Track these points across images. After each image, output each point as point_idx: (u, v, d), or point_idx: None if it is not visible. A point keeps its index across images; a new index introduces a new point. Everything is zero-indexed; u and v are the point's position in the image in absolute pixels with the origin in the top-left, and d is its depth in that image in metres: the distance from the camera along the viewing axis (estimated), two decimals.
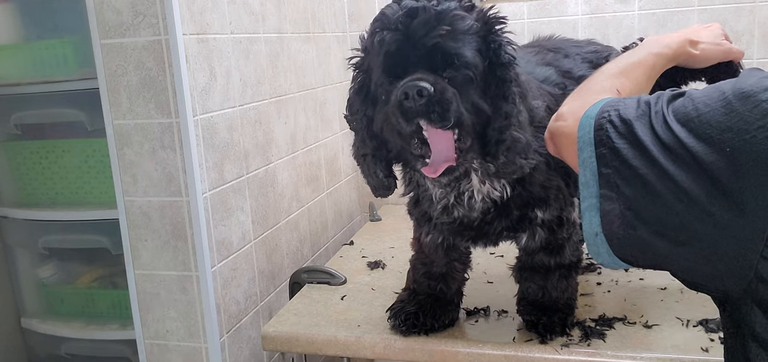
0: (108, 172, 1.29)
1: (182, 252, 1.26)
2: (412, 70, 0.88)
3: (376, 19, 0.94)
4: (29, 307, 1.58)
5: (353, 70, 1.00)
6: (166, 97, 1.20)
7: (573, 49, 1.26)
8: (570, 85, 1.13)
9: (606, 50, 1.31)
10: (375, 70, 0.94)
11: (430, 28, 0.88)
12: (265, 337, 1.29)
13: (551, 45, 1.28)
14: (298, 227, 1.67)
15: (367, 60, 0.96)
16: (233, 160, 1.35)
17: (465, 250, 1.22)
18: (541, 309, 1.14)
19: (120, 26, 1.19)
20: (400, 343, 1.19)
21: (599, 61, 1.22)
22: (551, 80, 1.14)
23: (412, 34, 0.88)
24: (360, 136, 1.00)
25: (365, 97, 0.97)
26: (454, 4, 0.91)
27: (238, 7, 1.37)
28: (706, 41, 1.02)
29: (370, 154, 1.00)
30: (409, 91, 0.84)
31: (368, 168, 1.01)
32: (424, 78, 0.86)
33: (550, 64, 1.18)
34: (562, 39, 1.33)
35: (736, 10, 1.77)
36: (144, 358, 1.34)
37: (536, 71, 1.15)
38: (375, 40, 0.92)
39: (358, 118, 0.99)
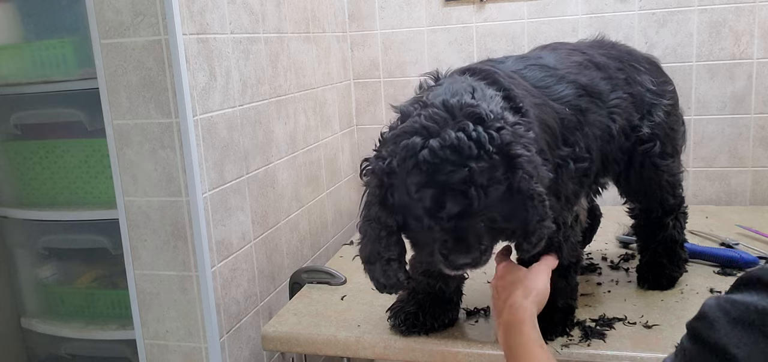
0: (108, 172, 1.29)
1: (182, 252, 1.26)
2: (443, 230, 0.93)
3: (418, 198, 0.93)
4: (29, 307, 1.58)
5: (376, 183, 0.98)
6: (166, 97, 1.20)
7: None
8: None
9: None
10: (407, 211, 0.96)
11: (475, 219, 0.92)
12: (265, 337, 1.29)
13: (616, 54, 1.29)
14: (298, 227, 1.67)
15: (397, 191, 0.96)
16: (233, 160, 1.35)
17: None
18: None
19: (120, 26, 1.19)
20: (400, 343, 1.19)
21: None
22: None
23: (461, 224, 0.92)
24: (384, 243, 1.00)
25: (392, 211, 0.98)
26: (485, 178, 0.91)
27: (238, 7, 1.37)
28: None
29: (396, 260, 1.02)
30: (458, 265, 0.95)
31: (389, 270, 1.02)
32: (472, 249, 0.94)
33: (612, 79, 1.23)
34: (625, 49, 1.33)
35: (736, 10, 1.77)
36: (144, 358, 1.34)
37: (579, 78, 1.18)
38: (417, 213, 0.94)
39: (384, 224, 0.99)
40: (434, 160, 0.90)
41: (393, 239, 1.00)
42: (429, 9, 1.98)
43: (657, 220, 1.33)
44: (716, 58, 1.81)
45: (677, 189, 1.32)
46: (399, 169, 0.93)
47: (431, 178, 0.90)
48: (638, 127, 1.25)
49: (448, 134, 0.90)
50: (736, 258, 1.39)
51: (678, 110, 1.34)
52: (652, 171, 1.27)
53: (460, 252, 0.93)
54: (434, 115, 0.93)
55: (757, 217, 1.71)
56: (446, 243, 0.93)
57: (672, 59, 1.83)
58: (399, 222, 0.98)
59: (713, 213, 1.78)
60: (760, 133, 1.82)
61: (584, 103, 1.16)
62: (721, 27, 1.79)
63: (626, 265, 1.46)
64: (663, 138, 1.26)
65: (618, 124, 1.21)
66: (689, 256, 1.41)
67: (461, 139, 0.89)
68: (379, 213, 0.98)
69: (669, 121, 1.28)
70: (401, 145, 0.93)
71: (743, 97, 1.81)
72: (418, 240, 1.00)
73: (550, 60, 1.20)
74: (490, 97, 0.98)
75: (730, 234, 1.58)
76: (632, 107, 1.24)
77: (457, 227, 0.92)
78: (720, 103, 1.83)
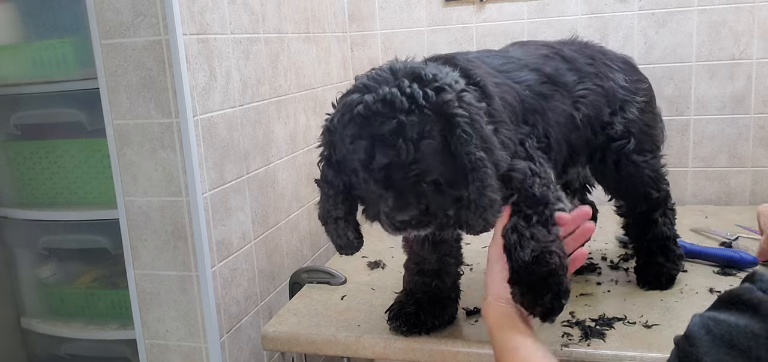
0: (108, 172, 1.29)
1: (182, 252, 1.26)
2: (377, 184, 0.94)
3: (352, 150, 0.95)
4: (29, 307, 1.58)
5: (323, 142, 1.03)
6: (166, 97, 1.20)
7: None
8: None
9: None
10: (352, 165, 0.98)
11: (408, 172, 0.92)
12: (265, 337, 1.29)
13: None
14: (298, 227, 1.67)
15: (338, 147, 1.00)
16: (233, 160, 1.36)
17: (454, 243, 1.21)
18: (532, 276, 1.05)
19: (120, 26, 1.19)
20: (400, 343, 1.19)
21: None
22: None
23: (393, 176, 0.93)
24: (331, 201, 1.04)
25: (338, 169, 1.02)
26: (418, 130, 0.92)
27: (238, 7, 1.37)
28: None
29: (343, 218, 1.04)
30: (400, 222, 0.95)
31: (339, 229, 1.05)
32: (409, 205, 0.93)
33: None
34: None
35: (736, 10, 1.77)
36: (144, 358, 1.34)
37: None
38: (350, 144, 0.96)
39: (333, 186, 1.03)
40: (367, 113, 0.93)
41: (340, 198, 1.03)
42: (429, 9, 1.98)
43: (644, 216, 1.33)
44: (716, 58, 1.81)
45: (660, 183, 1.32)
46: (338, 125, 0.97)
47: (363, 130, 0.93)
48: (610, 124, 1.26)
49: (383, 89, 0.93)
50: (736, 258, 1.39)
51: (654, 107, 1.35)
52: (632, 167, 1.27)
53: (399, 208, 0.93)
54: (377, 75, 0.97)
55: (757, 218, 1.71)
56: (386, 199, 0.94)
57: (672, 59, 1.83)
58: (346, 182, 1.02)
59: (713, 213, 1.78)
60: (760, 133, 1.82)
61: (547, 89, 1.18)
62: (721, 27, 1.79)
63: (626, 265, 1.46)
64: (638, 134, 1.27)
65: (582, 113, 1.21)
66: (689, 256, 1.42)
67: (394, 93, 0.92)
68: (326, 171, 1.03)
69: (644, 118, 1.29)
70: (341, 103, 0.98)
71: (743, 97, 1.81)
72: (364, 198, 1.01)
73: (517, 52, 1.23)
74: (445, 73, 0.99)
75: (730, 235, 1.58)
76: (603, 101, 1.24)
77: (389, 179, 0.93)
78: (719, 103, 1.83)
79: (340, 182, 1.02)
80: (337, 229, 1.05)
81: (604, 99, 1.25)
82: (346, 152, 0.97)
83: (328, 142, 1.02)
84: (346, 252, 1.08)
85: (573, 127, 1.20)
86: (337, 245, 1.08)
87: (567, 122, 1.19)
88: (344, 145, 0.97)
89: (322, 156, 1.04)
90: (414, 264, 1.22)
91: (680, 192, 1.90)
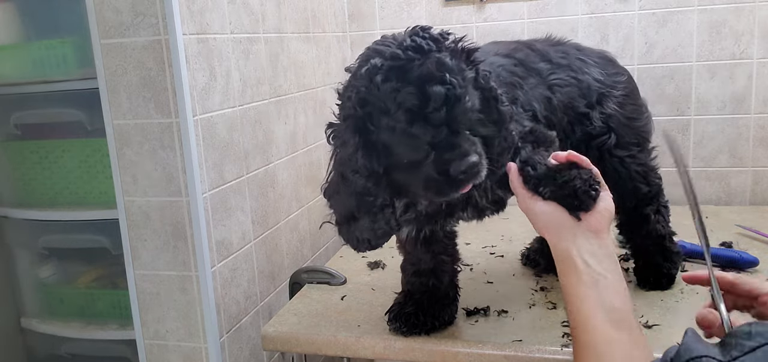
0: (108, 172, 1.29)
1: (182, 252, 1.26)
2: (434, 130, 0.89)
3: (397, 105, 0.89)
4: (29, 307, 1.58)
5: (346, 130, 0.96)
6: (166, 97, 1.20)
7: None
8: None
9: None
10: (400, 147, 0.92)
11: (466, 112, 0.90)
12: (265, 337, 1.29)
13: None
14: (298, 227, 1.67)
15: (376, 132, 0.93)
16: (233, 160, 1.35)
17: (448, 241, 1.21)
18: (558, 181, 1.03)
19: (120, 26, 1.19)
20: (400, 343, 1.19)
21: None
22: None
23: (453, 121, 0.89)
24: (372, 187, 0.96)
25: (377, 156, 0.94)
26: (455, 63, 0.91)
27: (238, 7, 1.37)
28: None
29: (389, 204, 0.98)
30: (466, 170, 0.88)
31: (385, 217, 0.98)
32: (470, 151, 0.89)
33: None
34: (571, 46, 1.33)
35: (736, 10, 1.77)
36: (144, 358, 1.34)
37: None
38: (402, 127, 0.90)
39: (369, 170, 0.95)
40: (400, 62, 0.89)
41: (382, 184, 0.96)
42: (429, 9, 1.98)
43: (635, 211, 1.30)
44: (716, 58, 1.81)
45: (650, 177, 1.30)
46: (369, 92, 0.90)
47: (405, 77, 0.88)
48: (587, 116, 1.24)
49: (403, 42, 0.91)
50: (736, 258, 1.39)
51: (635, 100, 1.32)
52: (616, 163, 1.25)
53: (460, 154, 0.88)
54: (380, 43, 0.94)
55: (757, 217, 1.71)
56: (440, 148, 0.88)
57: (672, 59, 1.83)
58: (385, 167, 0.95)
59: (713, 213, 1.78)
60: (760, 133, 1.82)
61: (521, 72, 1.18)
62: (721, 27, 1.78)
63: (626, 265, 1.46)
64: (619, 128, 1.26)
65: (558, 99, 1.21)
66: (689, 256, 1.41)
67: (416, 40, 0.90)
68: (354, 158, 0.94)
69: (624, 112, 1.27)
70: (362, 73, 0.92)
71: (743, 97, 1.81)
72: (408, 168, 0.93)
73: (488, 47, 1.23)
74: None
75: (730, 235, 1.58)
76: (577, 92, 1.24)
77: (449, 120, 0.88)
78: (720, 103, 1.83)
79: (379, 167, 0.94)
80: (377, 219, 0.97)
81: (578, 90, 1.24)
82: (389, 117, 0.89)
83: (361, 118, 0.93)
84: (377, 243, 1.01)
85: (551, 108, 1.20)
86: (364, 240, 1.00)
87: (545, 103, 1.19)
88: (385, 106, 0.89)
89: (344, 137, 0.95)
90: (410, 264, 1.22)
91: (680, 192, 1.89)
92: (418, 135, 0.89)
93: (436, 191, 0.92)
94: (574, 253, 0.89)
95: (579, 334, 0.85)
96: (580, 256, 0.89)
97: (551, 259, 1.43)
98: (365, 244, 1.02)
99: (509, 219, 1.69)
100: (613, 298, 0.84)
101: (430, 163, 0.90)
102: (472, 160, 0.88)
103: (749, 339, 0.61)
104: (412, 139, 0.90)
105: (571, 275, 0.88)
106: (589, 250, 0.89)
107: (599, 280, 0.86)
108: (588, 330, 0.83)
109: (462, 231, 1.25)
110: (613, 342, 0.81)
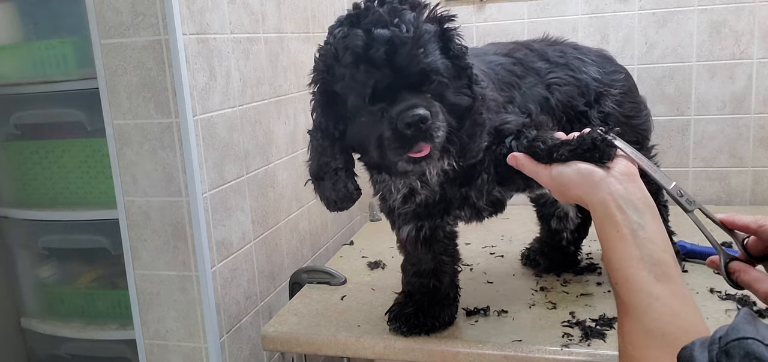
0: (108, 172, 1.29)
1: (182, 252, 1.26)
2: (397, 93, 0.91)
3: (346, 48, 0.92)
4: (29, 307, 1.58)
5: (314, 90, 1.00)
6: (166, 97, 1.20)
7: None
8: None
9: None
10: (351, 95, 0.94)
11: (412, 58, 0.90)
12: (265, 337, 1.29)
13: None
14: (298, 227, 1.67)
15: (333, 83, 0.96)
16: (233, 160, 1.35)
17: (448, 241, 1.21)
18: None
19: (120, 26, 1.19)
20: (400, 343, 1.19)
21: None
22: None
23: (397, 66, 0.90)
24: (329, 151, 1.01)
25: (335, 114, 0.98)
26: (414, 15, 0.93)
27: (238, 7, 1.37)
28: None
29: (342, 168, 1.01)
30: (411, 121, 0.88)
31: (339, 181, 1.02)
32: (418, 104, 0.89)
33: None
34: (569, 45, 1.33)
35: (736, 10, 1.77)
36: (144, 358, 1.34)
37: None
38: (350, 72, 0.92)
39: (329, 135, 1.00)
40: (358, 11, 0.93)
41: (337, 147, 1.00)
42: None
43: None
44: (716, 58, 1.81)
45: (648, 175, 1.30)
46: (328, 44, 0.95)
47: (358, 23, 0.92)
48: (585, 114, 1.24)
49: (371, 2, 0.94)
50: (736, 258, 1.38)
51: (634, 98, 1.32)
52: None
53: (406, 107, 0.88)
54: (352, 10, 0.96)
55: None
56: (391, 102, 0.89)
57: (672, 59, 1.83)
58: (341, 131, 0.98)
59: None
60: (760, 133, 1.82)
61: (519, 70, 1.18)
62: (721, 27, 1.79)
63: None
64: (618, 126, 1.25)
65: (556, 98, 1.21)
66: (689, 256, 1.41)
67: (403, 30, 0.90)
68: (320, 119, 0.99)
69: (623, 110, 1.27)
70: (331, 37, 0.96)
71: (743, 97, 1.81)
72: (362, 128, 0.95)
73: (488, 47, 1.25)
74: None
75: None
76: (575, 91, 1.24)
77: (391, 61, 0.89)
78: (720, 103, 1.83)
79: (336, 130, 0.98)
80: (335, 182, 1.02)
81: (576, 89, 1.24)
82: (339, 55, 0.93)
83: (322, 73, 0.97)
84: (343, 206, 1.05)
85: (549, 109, 1.20)
86: (331, 200, 1.05)
87: (543, 104, 1.19)
88: (338, 49, 0.93)
89: (314, 98, 1.00)
90: (410, 265, 1.22)
91: None
92: (362, 79, 0.90)
93: (389, 149, 0.92)
94: (609, 201, 0.85)
95: (620, 291, 0.82)
96: (616, 203, 0.84)
97: (552, 259, 1.45)
98: (333, 205, 1.06)
99: (509, 219, 1.69)
100: (653, 250, 0.81)
101: (379, 117, 0.91)
102: (419, 111, 0.88)
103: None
104: (357, 84, 0.91)
105: (610, 229, 0.84)
106: (625, 196, 0.85)
107: (638, 231, 0.82)
108: (629, 289, 0.80)
109: (462, 231, 1.25)
110: (655, 296, 0.78)
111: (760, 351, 0.59)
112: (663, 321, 0.76)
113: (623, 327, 0.81)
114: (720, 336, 0.63)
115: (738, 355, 0.60)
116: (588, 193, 0.89)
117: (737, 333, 0.62)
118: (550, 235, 1.46)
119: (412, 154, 0.91)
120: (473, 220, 1.18)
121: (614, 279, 0.84)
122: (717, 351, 0.62)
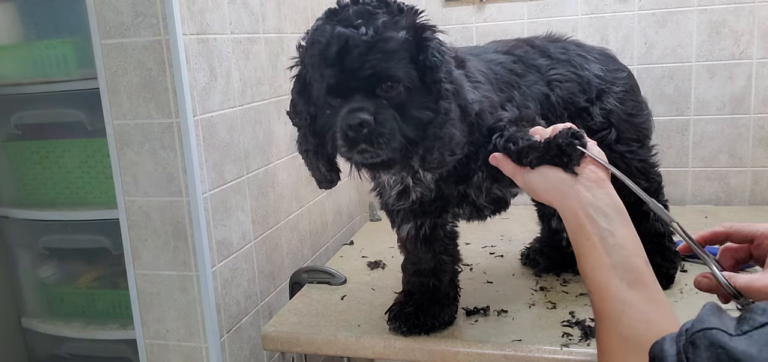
0: (108, 172, 1.29)
1: (182, 252, 1.26)
2: (352, 93, 0.93)
3: (313, 42, 0.95)
4: (29, 307, 1.58)
5: (293, 74, 1.04)
6: (166, 97, 1.20)
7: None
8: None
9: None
10: (315, 86, 0.97)
11: (364, 61, 0.91)
12: (265, 337, 1.29)
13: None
14: (298, 227, 1.67)
15: (307, 72, 0.99)
16: (233, 160, 1.36)
17: (449, 241, 1.21)
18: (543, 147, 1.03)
19: (120, 26, 1.19)
20: (400, 343, 1.19)
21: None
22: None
23: (348, 66, 0.91)
24: (302, 133, 1.03)
25: (307, 99, 1.01)
26: (383, 20, 0.93)
27: (238, 7, 1.38)
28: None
29: (312, 150, 1.04)
30: (352, 124, 0.90)
31: (311, 162, 1.05)
32: (364, 108, 0.90)
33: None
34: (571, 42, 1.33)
35: (736, 11, 1.77)
36: (144, 358, 1.34)
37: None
38: (313, 66, 0.96)
39: (302, 117, 1.02)
40: (335, 9, 0.94)
41: (309, 129, 1.02)
42: (429, 9, 1.98)
43: (634, 208, 1.29)
44: (716, 58, 1.81)
45: (650, 174, 1.30)
46: (309, 39, 0.97)
47: (330, 20, 0.94)
48: (587, 111, 1.24)
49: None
50: None
51: (636, 96, 1.32)
52: (617, 158, 1.25)
53: (353, 109, 0.90)
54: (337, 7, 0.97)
55: (756, 217, 1.71)
56: (347, 100, 0.91)
57: (672, 59, 1.84)
58: (312, 113, 1.00)
59: (712, 213, 1.78)
60: (760, 133, 1.82)
61: (519, 68, 1.18)
62: (721, 27, 1.79)
63: None
64: (619, 124, 1.26)
65: (557, 95, 1.21)
66: (688, 256, 1.41)
67: (362, 33, 0.91)
68: (296, 101, 1.02)
69: (625, 108, 1.27)
70: (310, 28, 0.98)
71: (743, 97, 1.81)
72: (325, 120, 0.97)
73: (489, 45, 1.25)
74: None
75: None
76: (577, 88, 1.24)
77: (342, 62, 0.90)
78: (719, 103, 1.83)
79: (308, 114, 1.01)
80: (309, 161, 1.05)
81: (578, 86, 1.24)
82: (308, 49, 0.96)
83: (298, 59, 1.01)
84: (323, 186, 1.08)
85: (549, 106, 1.20)
86: (315, 179, 1.08)
87: (543, 101, 1.19)
88: (308, 41, 0.96)
89: (294, 90, 1.03)
90: (410, 264, 1.22)
91: (680, 192, 1.90)
92: (319, 74, 0.93)
93: (338, 145, 0.95)
94: (578, 209, 0.85)
95: (594, 299, 0.83)
96: (585, 211, 0.85)
97: (551, 259, 1.45)
98: (317, 182, 1.08)
99: (509, 219, 1.69)
100: (624, 256, 0.81)
101: (334, 113, 0.94)
102: (361, 115, 0.89)
103: (762, 315, 0.61)
104: (317, 77, 0.94)
105: (581, 237, 0.85)
106: (593, 203, 0.85)
107: (607, 238, 0.82)
108: (602, 296, 0.81)
109: (462, 230, 1.25)
110: (628, 303, 0.78)
111: (724, 341, 0.61)
112: (638, 328, 0.76)
113: (600, 334, 0.82)
114: (687, 327, 0.65)
115: (703, 345, 0.62)
116: (557, 200, 0.90)
117: (702, 323, 0.64)
118: (550, 235, 1.47)
119: (356, 154, 0.94)
120: (475, 219, 1.18)
121: (588, 288, 0.84)
122: (684, 342, 0.64)
